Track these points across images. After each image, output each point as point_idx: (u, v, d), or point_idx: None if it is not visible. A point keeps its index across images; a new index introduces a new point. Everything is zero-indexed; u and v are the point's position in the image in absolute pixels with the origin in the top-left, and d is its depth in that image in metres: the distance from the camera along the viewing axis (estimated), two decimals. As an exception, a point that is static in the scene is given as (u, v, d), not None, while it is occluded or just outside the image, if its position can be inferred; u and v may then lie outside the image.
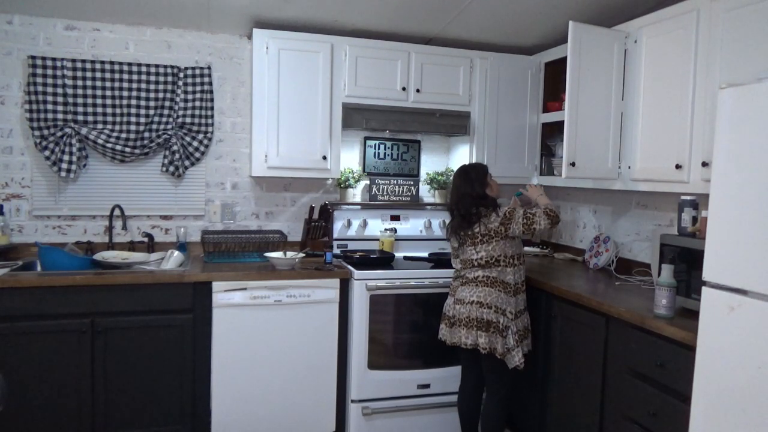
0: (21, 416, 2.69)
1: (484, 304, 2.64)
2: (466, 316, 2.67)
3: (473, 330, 2.65)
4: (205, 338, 2.92)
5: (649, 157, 2.68)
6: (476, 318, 2.64)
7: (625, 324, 2.34)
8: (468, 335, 2.66)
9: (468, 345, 2.66)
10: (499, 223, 2.67)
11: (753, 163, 1.70)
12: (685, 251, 2.34)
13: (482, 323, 2.63)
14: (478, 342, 2.64)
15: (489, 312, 2.63)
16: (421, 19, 3.23)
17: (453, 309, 2.75)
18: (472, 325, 2.65)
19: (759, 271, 1.68)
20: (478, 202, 2.70)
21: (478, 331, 2.63)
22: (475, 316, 2.64)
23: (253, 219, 3.64)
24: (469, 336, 2.66)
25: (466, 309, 2.67)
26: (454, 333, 2.73)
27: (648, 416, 2.20)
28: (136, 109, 3.30)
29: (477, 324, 2.64)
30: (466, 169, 2.85)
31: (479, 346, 2.64)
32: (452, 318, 2.74)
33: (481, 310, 2.63)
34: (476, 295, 2.66)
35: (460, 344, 2.69)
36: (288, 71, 3.23)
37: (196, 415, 2.95)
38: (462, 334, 2.68)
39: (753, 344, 1.69)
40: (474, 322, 2.64)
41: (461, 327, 2.68)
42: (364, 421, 3.08)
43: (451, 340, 2.75)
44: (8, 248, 3.14)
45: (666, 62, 2.58)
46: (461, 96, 3.54)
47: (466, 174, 2.79)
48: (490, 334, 2.62)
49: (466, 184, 2.75)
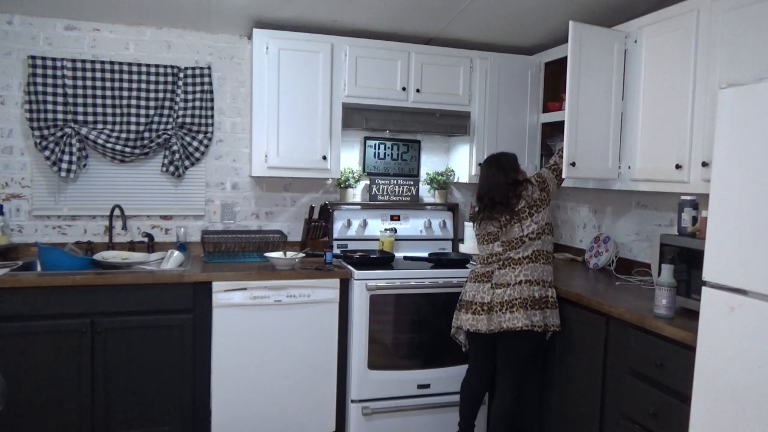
0: (21, 416, 2.69)
1: (533, 281, 2.64)
2: (515, 298, 2.62)
3: (527, 309, 2.60)
4: (205, 338, 2.92)
5: (649, 157, 2.68)
6: (529, 297, 2.62)
7: (625, 324, 2.34)
8: (522, 316, 2.59)
9: (522, 327, 2.59)
10: (540, 190, 2.73)
11: (753, 163, 1.70)
12: (685, 251, 2.34)
13: (536, 301, 2.62)
14: (532, 321, 2.60)
15: (539, 289, 2.64)
16: (421, 19, 3.23)
17: (491, 294, 2.68)
18: (525, 305, 2.61)
19: (759, 271, 1.68)
20: (514, 188, 2.73)
21: (532, 310, 2.61)
22: (528, 295, 2.62)
23: (253, 219, 3.65)
24: (521, 318, 2.59)
25: (515, 290, 2.63)
26: (492, 319, 2.64)
27: (648, 416, 2.20)
28: (136, 109, 3.30)
29: (531, 303, 2.61)
30: (497, 157, 2.86)
31: (534, 326, 2.60)
32: (489, 303, 2.67)
33: (532, 288, 2.63)
34: (523, 275, 2.64)
35: (506, 329, 2.62)
36: (288, 71, 3.23)
37: (196, 415, 2.95)
38: (507, 317, 2.61)
39: (753, 344, 1.69)
40: (528, 301, 2.61)
41: (508, 310, 2.62)
42: (364, 421, 3.08)
43: (489, 327, 2.65)
44: (8, 248, 3.14)
45: (666, 62, 2.58)
46: (461, 96, 3.54)
47: (498, 162, 2.82)
48: (543, 311, 2.64)
49: (500, 172, 2.77)
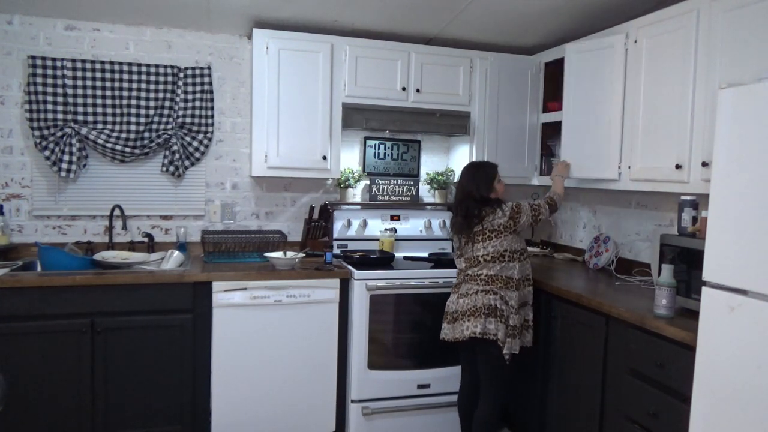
0: (21, 416, 2.69)
1: (490, 291, 2.63)
2: (471, 306, 2.64)
3: (481, 317, 2.61)
4: (205, 338, 2.92)
5: (649, 157, 2.67)
6: (483, 305, 2.62)
7: (625, 324, 2.34)
8: (476, 324, 2.61)
9: (476, 333, 2.60)
10: (507, 218, 2.66)
11: (753, 163, 1.70)
12: (685, 251, 2.34)
13: (490, 309, 2.61)
14: (487, 328, 2.60)
15: (495, 298, 2.62)
16: (421, 19, 3.23)
17: (456, 304, 2.73)
18: (480, 313, 2.61)
19: (759, 271, 1.68)
20: (479, 205, 2.69)
21: (487, 317, 2.60)
22: (482, 303, 2.62)
23: (253, 219, 3.64)
24: (477, 324, 2.61)
25: (472, 299, 2.65)
26: (456, 328, 2.69)
27: (648, 416, 2.20)
28: (136, 109, 3.30)
29: (485, 310, 2.61)
30: (475, 167, 2.83)
31: (488, 333, 2.60)
32: (455, 313, 2.72)
33: (488, 297, 2.62)
34: (482, 285, 2.65)
35: (464, 337, 2.64)
36: (288, 71, 3.23)
37: (196, 415, 2.95)
38: (467, 325, 2.64)
39: (753, 344, 1.69)
40: (482, 309, 2.62)
41: (466, 318, 2.65)
42: (364, 421, 3.08)
43: (453, 335, 2.70)
44: (8, 248, 3.14)
45: (666, 62, 2.58)
46: (461, 96, 3.54)
47: (474, 173, 2.77)
48: (497, 320, 2.60)
49: (472, 183, 2.73)
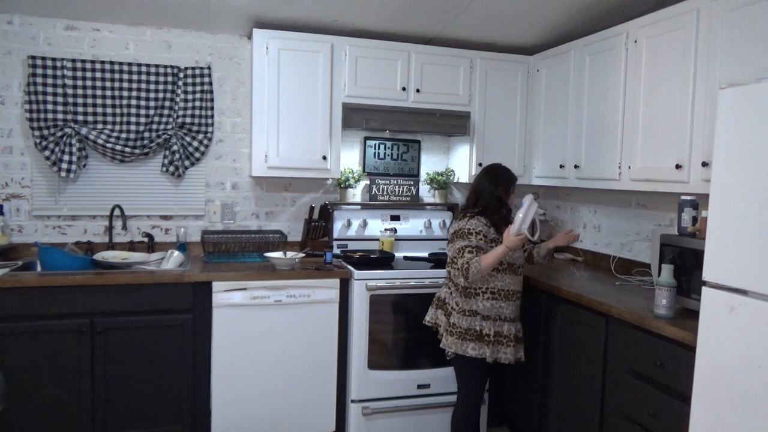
0: (21, 416, 2.69)
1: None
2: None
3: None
4: (205, 338, 2.92)
5: (649, 157, 2.67)
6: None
7: (625, 324, 2.34)
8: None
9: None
10: (452, 233, 2.63)
11: (753, 163, 1.70)
12: (685, 251, 2.34)
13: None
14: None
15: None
16: (421, 19, 3.23)
17: None
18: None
19: (759, 271, 1.68)
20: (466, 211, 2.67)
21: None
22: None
23: (253, 219, 3.64)
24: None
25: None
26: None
27: (648, 416, 2.20)
28: (136, 109, 3.30)
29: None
30: (500, 169, 2.74)
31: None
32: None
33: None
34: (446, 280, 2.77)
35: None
36: (288, 71, 3.23)
37: (196, 415, 2.95)
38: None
39: (753, 344, 1.69)
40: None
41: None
42: (364, 421, 3.08)
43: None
44: (8, 248, 3.14)
45: (666, 62, 2.57)
46: (461, 96, 3.54)
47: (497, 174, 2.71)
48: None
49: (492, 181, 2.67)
